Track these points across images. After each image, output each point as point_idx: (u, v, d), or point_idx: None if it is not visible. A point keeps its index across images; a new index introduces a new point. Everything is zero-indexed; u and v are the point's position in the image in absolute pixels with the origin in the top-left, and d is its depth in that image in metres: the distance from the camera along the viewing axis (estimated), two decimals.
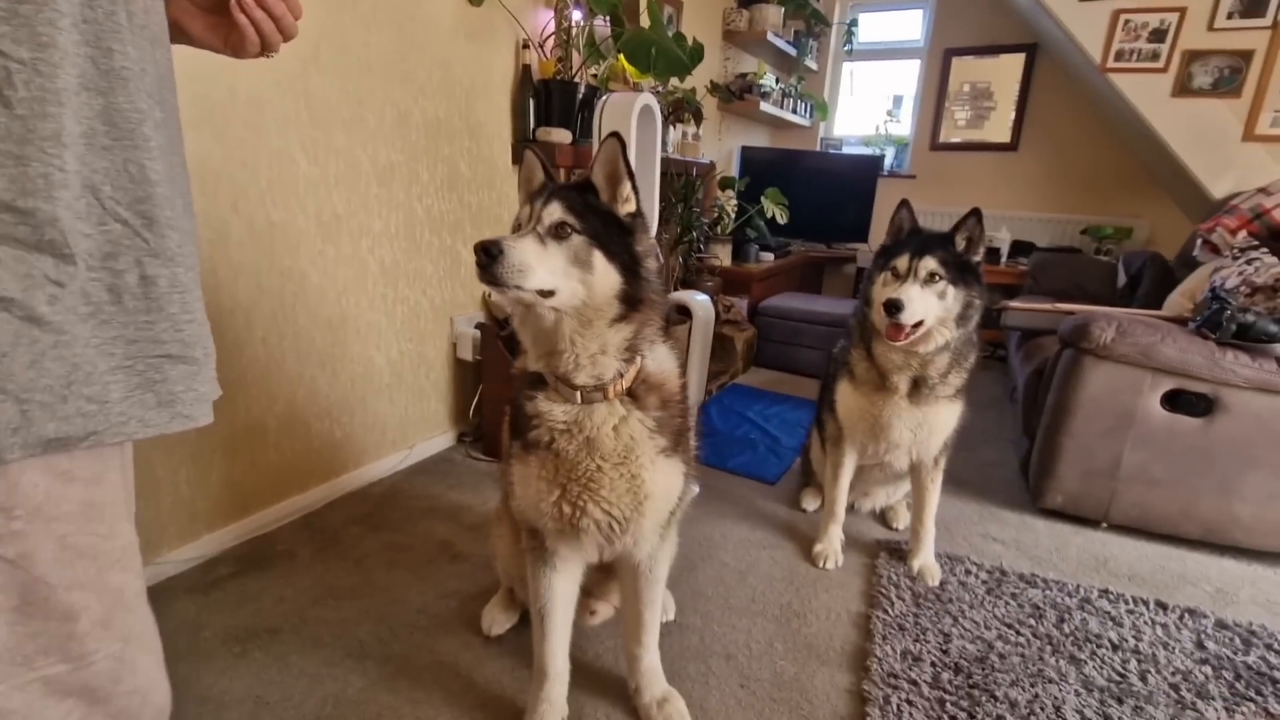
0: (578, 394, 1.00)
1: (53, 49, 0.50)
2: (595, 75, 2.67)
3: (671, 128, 3.23)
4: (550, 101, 2.43)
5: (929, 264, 1.51)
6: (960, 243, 1.55)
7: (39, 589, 0.56)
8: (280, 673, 1.33)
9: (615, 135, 0.98)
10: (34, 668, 0.56)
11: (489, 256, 0.86)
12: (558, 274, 0.92)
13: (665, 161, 3.08)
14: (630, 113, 2.25)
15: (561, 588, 1.18)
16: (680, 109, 3.20)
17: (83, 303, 0.54)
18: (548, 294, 0.91)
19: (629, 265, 0.97)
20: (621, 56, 2.52)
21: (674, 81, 3.12)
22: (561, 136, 2.41)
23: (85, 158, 0.53)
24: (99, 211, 0.55)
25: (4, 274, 0.50)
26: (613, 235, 0.97)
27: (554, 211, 0.94)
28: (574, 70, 2.48)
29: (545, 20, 2.47)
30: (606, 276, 0.95)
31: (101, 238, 0.55)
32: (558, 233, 0.93)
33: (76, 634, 0.58)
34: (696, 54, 2.70)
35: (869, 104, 5.15)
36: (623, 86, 2.85)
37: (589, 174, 1.00)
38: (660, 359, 1.06)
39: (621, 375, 1.00)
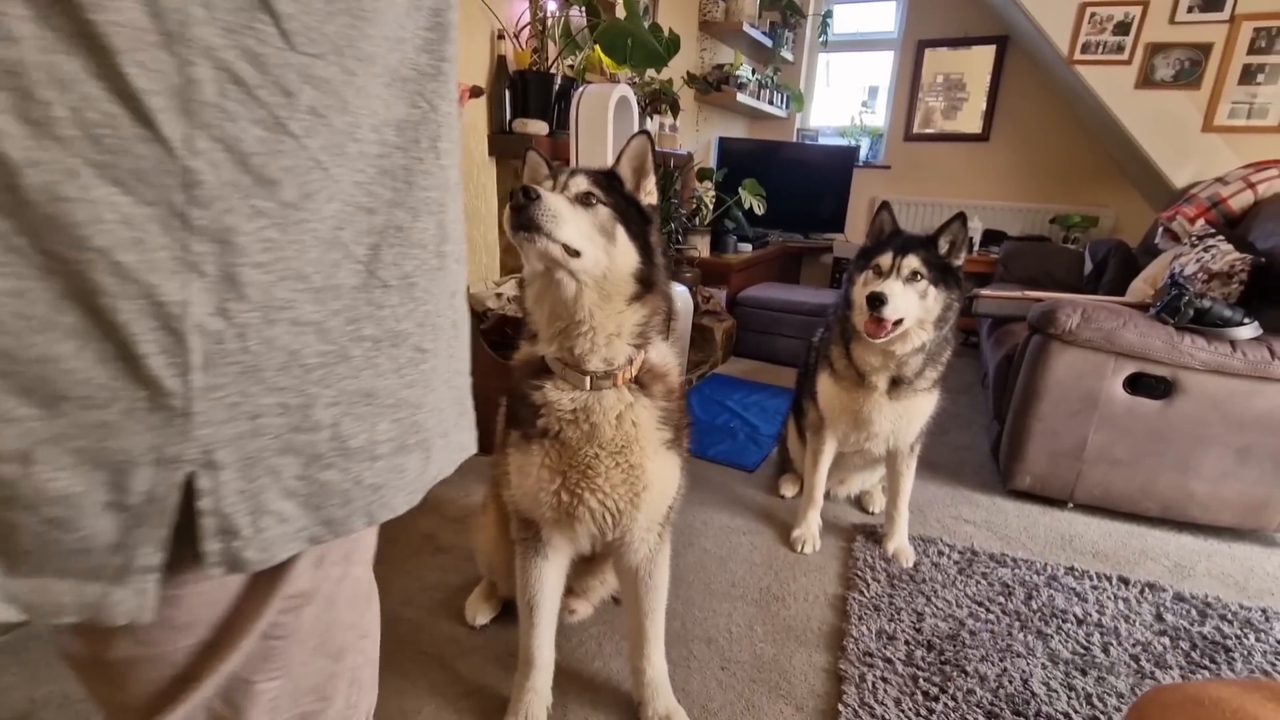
0: (587, 380, 1.01)
1: (453, 100, 0.49)
2: (572, 66, 2.66)
3: (648, 119, 3.23)
4: (526, 92, 2.42)
5: (912, 262, 1.54)
6: (944, 245, 1.58)
7: (333, 631, 0.54)
8: None
9: (645, 133, 1.04)
10: (299, 705, 0.53)
11: (527, 198, 0.89)
12: (583, 236, 0.94)
13: None
14: (607, 104, 2.25)
15: (551, 578, 1.19)
16: (657, 100, 3.20)
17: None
18: (574, 253, 0.93)
19: (645, 249, 1.01)
20: (598, 47, 2.51)
21: (650, 73, 3.12)
22: (538, 128, 2.41)
23: None
24: None
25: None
26: (633, 217, 1.01)
27: (580, 183, 0.98)
28: (550, 61, 2.48)
29: (520, 10, 2.45)
30: (627, 252, 0.99)
31: None
32: (585, 200, 0.97)
33: (336, 673, 0.55)
34: (673, 45, 2.71)
35: (845, 95, 5.20)
36: (599, 78, 2.85)
37: (614, 166, 1.05)
38: (663, 352, 1.10)
39: (631, 361, 1.03)
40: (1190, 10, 3.22)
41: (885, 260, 1.56)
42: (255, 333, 0.39)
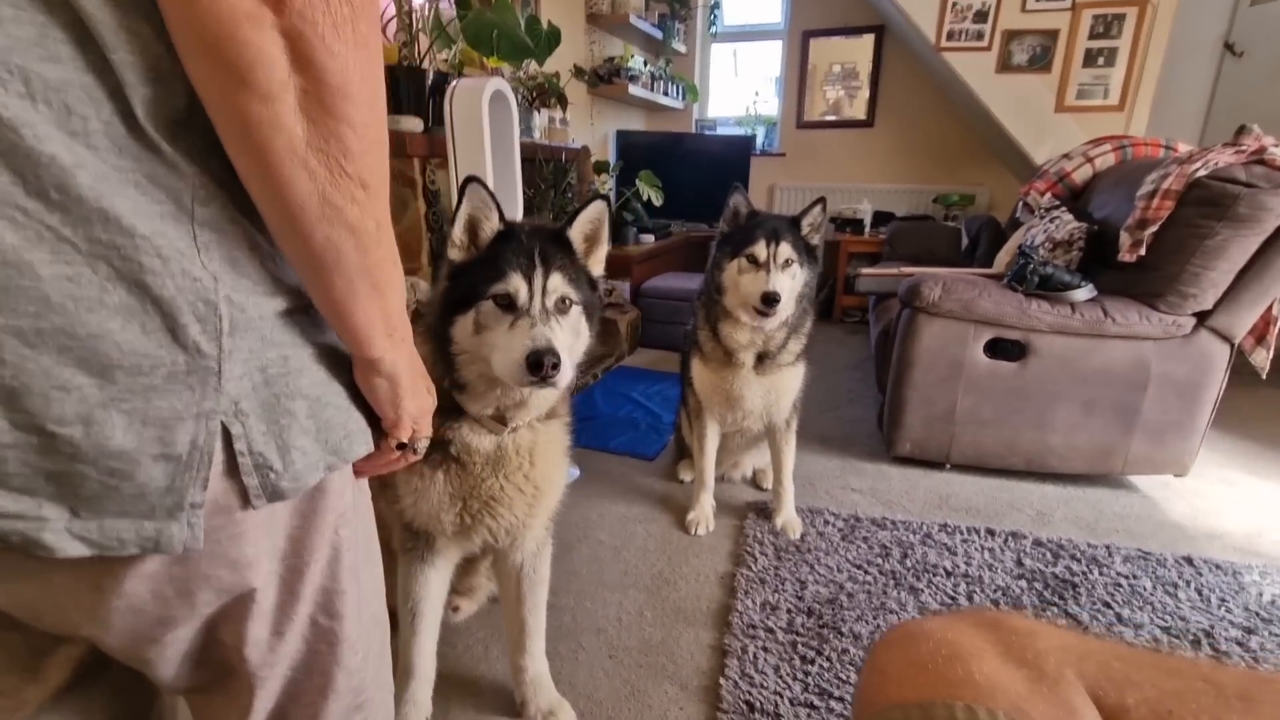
0: (506, 427, 1.01)
1: None
2: (446, 60, 2.59)
3: (535, 113, 3.20)
4: (397, 88, 2.34)
5: (785, 250, 1.62)
6: (806, 228, 1.67)
7: (370, 542, 0.68)
8: None
9: (604, 198, 1.01)
10: (369, 605, 0.67)
11: (555, 370, 0.88)
12: (565, 352, 0.92)
13: (532, 148, 3.05)
14: (481, 99, 2.20)
15: (436, 584, 1.16)
16: (543, 94, 3.17)
17: None
18: None
19: (591, 321, 1.02)
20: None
21: (534, 66, 3.08)
22: (412, 125, 2.34)
23: None
24: None
25: None
26: (589, 296, 1.00)
27: (557, 285, 0.95)
28: (421, 55, 2.40)
29: (384, 3, 2.37)
30: (585, 339, 1.00)
31: None
32: (560, 306, 0.95)
33: (379, 576, 0.72)
34: (551, 38, 2.68)
35: (750, 85, 5.28)
36: (479, 71, 2.79)
37: (565, 226, 1.00)
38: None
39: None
40: None
41: (760, 251, 1.61)
42: (261, 303, 0.47)
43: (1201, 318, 1.92)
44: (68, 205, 0.38)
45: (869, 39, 4.67)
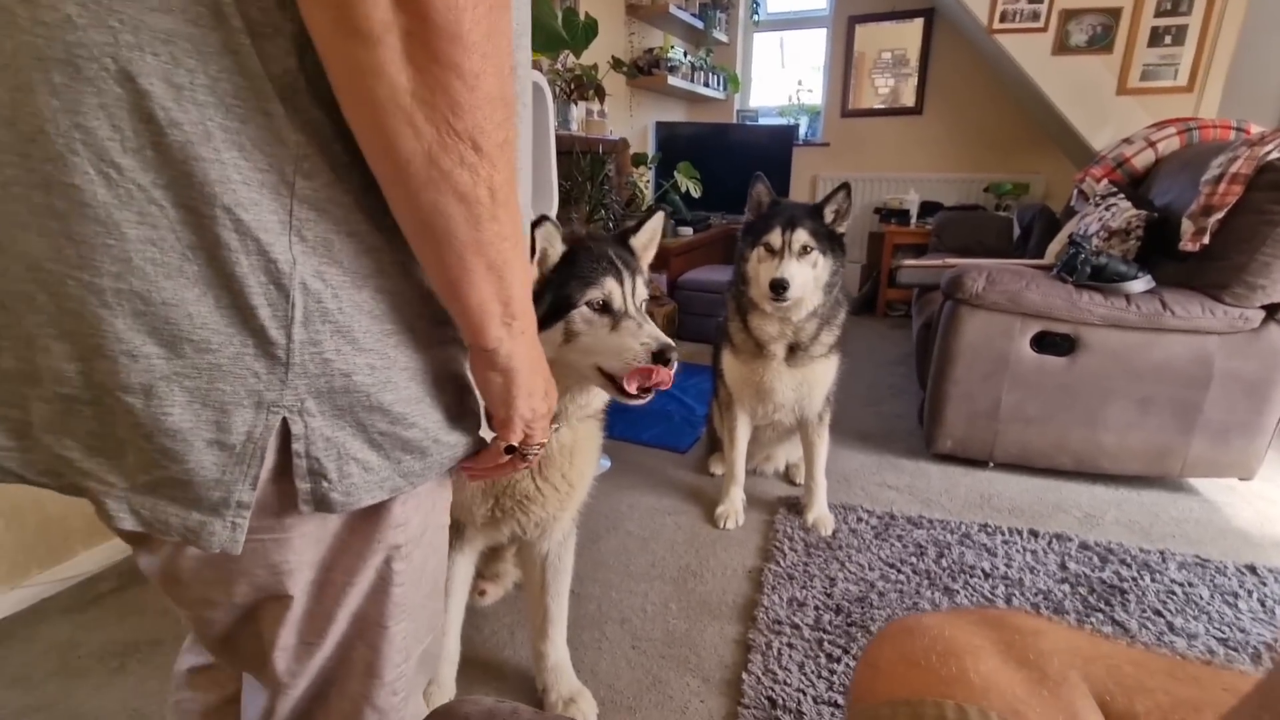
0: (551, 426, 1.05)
1: None
2: None
3: (573, 106, 3.20)
4: None
5: (801, 237, 1.58)
6: (829, 215, 1.62)
7: (438, 575, 0.65)
8: (161, 683, 1.30)
9: (663, 210, 1.10)
10: (420, 642, 0.62)
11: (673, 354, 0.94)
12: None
13: (569, 140, 3.06)
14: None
15: (462, 570, 1.19)
16: (580, 86, 3.17)
17: None
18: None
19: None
20: None
21: (571, 58, 3.09)
22: None
23: None
24: None
25: None
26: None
27: (641, 289, 1.01)
28: None
29: None
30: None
31: None
32: (646, 309, 1.01)
33: (438, 610, 0.68)
34: (589, 29, 2.68)
35: (796, 74, 5.17)
36: None
37: (629, 233, 1.06)
38: None
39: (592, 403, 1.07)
40: None
41: (776, 238, 1.58)
42: (347, 296, 0.44)
43: (1271, 311, 1.79)
44: (161, 165, 0.37)
45: (918, 23, 4.52)
